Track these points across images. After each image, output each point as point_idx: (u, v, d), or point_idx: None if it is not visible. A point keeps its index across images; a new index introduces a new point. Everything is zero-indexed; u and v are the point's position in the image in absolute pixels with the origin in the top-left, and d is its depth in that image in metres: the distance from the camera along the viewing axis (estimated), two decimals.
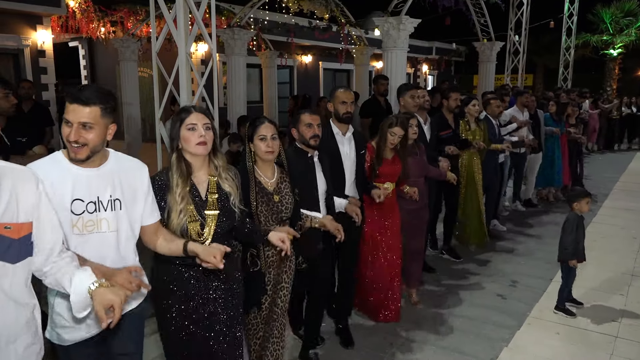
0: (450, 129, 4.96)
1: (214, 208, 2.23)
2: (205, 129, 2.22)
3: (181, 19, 3.92)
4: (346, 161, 3.40)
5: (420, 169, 4.09)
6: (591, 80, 20.59)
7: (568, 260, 3.94)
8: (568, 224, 3.94)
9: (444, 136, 4.89)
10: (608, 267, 5.05)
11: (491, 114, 5.76)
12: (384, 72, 6.44)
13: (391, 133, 3.62)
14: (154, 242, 2.15)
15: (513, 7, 11.90)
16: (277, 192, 2.66)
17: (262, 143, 2.58)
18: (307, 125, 2.96)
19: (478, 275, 4.89)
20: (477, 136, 5.25)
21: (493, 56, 9.32)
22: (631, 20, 17.90)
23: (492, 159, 5.65)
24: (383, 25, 6.23)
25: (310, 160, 3.03)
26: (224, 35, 7.81)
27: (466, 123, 5.26)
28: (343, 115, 3.37)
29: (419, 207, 4.03)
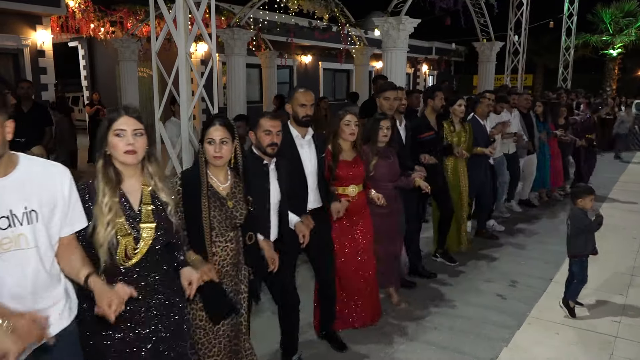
0: (432, 131, 4.75)
1: (149, 221, 2.00)
2: (135, 135, 1.99)
3: (181, 19, 3.93)
4: (308, 165, 3.24)
5: (392, 174, 3.88)
6: (591, 81, 20.62)
7: (582, 254, 3.94)
8: (575, 220, 3.93)
9: (425, 139, 4.69)
10: (608, 267, 5.04)
11: (480, 115, 5.56)
12: (384, 72, 6.44)
13: (345, 123, 3.40)
14: (63, 259, 1.86)
15: (513, 7, 11.91)
16: (231, 197, 2.49)
17: (210, 147, 2.40)
18: (266, 131, 2.77)
19: (478, 276, 4.89)
20: (462, 138, 5.06)
21: (493, 56, 9.33)
22: (631, 21, 17.90)
23: (480, 162, 5.47)
24: (383, 26, 6.23)
25: (265, 168, 2.85)
26: (223, 35, 7.81)
27: (450, 124, 5.04)
28: (302, 118, 3.17)
29: (389, 211, 3.83)
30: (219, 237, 2.46)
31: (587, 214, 3.93)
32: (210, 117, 2.51)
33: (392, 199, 3.85)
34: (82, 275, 1.81)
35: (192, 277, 2.12)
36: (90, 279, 1.79)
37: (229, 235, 2.49)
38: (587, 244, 3.95)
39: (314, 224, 3.06)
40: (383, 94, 4.07)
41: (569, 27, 15.92)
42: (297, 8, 8.98)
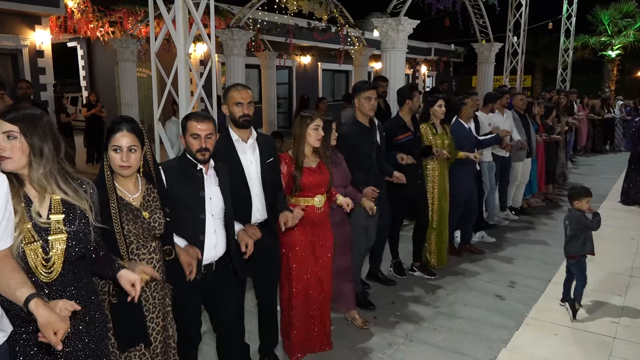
0: (409, 132, 4.47)
1: (59, 231, 1.81)
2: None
3: (180, 20, 3.93)
4: (251, 172, 2.93)
5: (343, 178, 3.57)
6: (590, 82, 20.64)
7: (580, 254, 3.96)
8: (573, 221, 3.95)
9: (401, 141, 4.41)
10: (606, 268, 5.05)
11: (465, 117, 5.23)
12: (383, 73, 6.44)
13: (313, 128, 3.11)
14: None
15: (512, 8, 11.93)
16: (145, 207, 2.26)
17: (117, 155, 2.15)
18: (193, 135, 2.49)
19: (477, 277, 4.89)
20: (446, 141, 4.79)
21: (492, 57, 9.34)
22: (629, 22, 17.94)
23: (469, 167, 5.19)
24: (382, 27, 6.23)
25: (199, 174, 2.55)
26: (222, 35, 7.81)
27: (431, 126, 4.77)
28: (240, 118, 2.84)
29: (342, 219, 3.55)
30: (141, 249, 2.25)
31: (584, 215, 3.94)
32: (115, 121, 2.21)
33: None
34: (20, 296, 1.60)
35: (131, 278, 1.98)
36: (31, 303, 1.58)
37: (151, 246, 2.29)
38: (586, 244, 3.97)
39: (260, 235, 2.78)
40: (364, 94, 3.81)
41: (567, 28, 15.93)
42: (296, 9, 8.98)
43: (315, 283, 3.27)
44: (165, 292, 2.40)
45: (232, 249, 2.66)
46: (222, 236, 2.64)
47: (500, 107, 6.41)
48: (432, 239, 4.93)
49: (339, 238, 3.50)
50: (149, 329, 2.28)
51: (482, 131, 5.88)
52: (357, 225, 3.86)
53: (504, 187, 6.68)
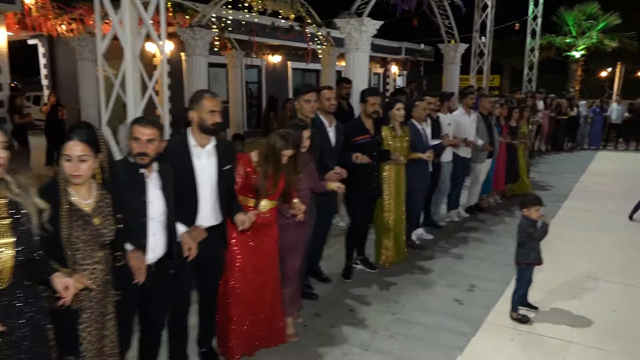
0: (367, 135, 4.49)
1: (7, 235, 1.84)
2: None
3: (127, 19, 3.77)
4: (203, 178, 2.92)
5: (310, 181, 3.62)
6: (555, 82, 21.07)
7: (524, 262, 3.96)
8: (520, 229, 3.96)
9: (359, 142, 4.44)
10: (564, 270, 5.10)
11: (417, 118, 5.26)
12: (346, 73, 6.37)
13: (284, 155, 3.15)
14: None
15: (478, 9, 12.04)
16: (97, 213, 2.26)
17: (67, 164, 2.17)
18: (135, 139, 2.52)
19: (436, 280, 4.86)
20: (405, 143, 4.87)
21: (457, 58, 9.39)
22: (593, 23, 18.37)
23: (420, 167, 5.23)
24: (345, 27, 6.17)
25: (141, 178, 2.57)
26: (184, 35, 7.63)
27: (392, 129, 4.79)
28: (212, 125, 2.87)
29: (296, 223, 3.49)
30: (87, 260, 2.24)
31: (533, 223, 3.91)
32: (70, 129, 2.27)
33: (307, 207, 3.59)
34: None
35: (66, 282, 1.98)
36: None
37: (97, 256, 2.28)
38: (530, 253, 3.95)
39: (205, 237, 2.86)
40: (304, 96, 3.86)
41: (533, 29, 16.22)
42: (261, 7, 8.85)
43: (256, 281, 3.27)
44: (107, 300, 2.39)
45: (173, 251, 2.69)
46: (162, 239, 2.66)
47: (466, 108, 6.42)
48: (390, 239, 4.97)
49: (290, 240, 3.51)
50: (81, 339, 2.26)
51: (443, 132, 5.87)
52: None
53: (457, 187, 6.73)
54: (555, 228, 6.67)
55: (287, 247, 3.49)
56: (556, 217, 7.22)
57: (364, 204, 4.70)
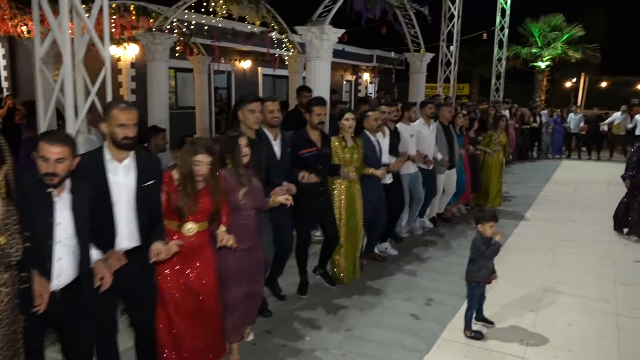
0: (313, 147, 4.26)
1: None
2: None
3: (65, 23, 3.57)
4: (119, 195, 2.69)
5: (255, 200, 3.30)
6: (522, 91, 21.50)
7: (473, 279, 3.90)
8: (473, 247, 3.89)
9: (305, 155, 4.20)
10: (522, 282, 5.08)
11: (369, 130, 4.95)
12: (307, 82, 6.27)
13: (195, 163, 2.86)
14: None
15: (445, 19, 12.15)
16: (3, 231, 2.07)
17: None
18: (42, 158, 2.29)
19: (393, 294, 4.76)
20: (355, 155, 4.59)
21: (423, 67, 9.41)
22: (557, 35, 18.80)
23: (373, 183, 4.93)
24: (306, 35, 6.06)
25: (49, 197, 2.35)
26: (143, 39, 7.40)
27: (341, 140, 4.55)
28: (122, 140, 2.64)
29: (250, 246, 3.25)
30: None
31: (488, 240, 3.84)
32: None
33: (254, 229, 3.34)
34: None
35: None
36: None
37: (2, 278, 2.08)
38: (480, 270, 3.88)
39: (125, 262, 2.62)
40: (248, 106, 3.64)
41: (500, 39, 16.48)
42: (225, 12, 8.67)
43: (187, 316, 3.02)
44: (16, 327, 2.19)
45: (81, 280, 2.46)
46: (69, 264, 2.43)
47: (426, 118, 6.27)
48: (341, 256, 4.79)
49: (245, 267, 3.26)
50: None
51: (402, 144, 5.72)
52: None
53: (428, 198, 6.60)
54: (516, 238, 6.74)
55: (227, 275, 3.20)
56: (518, 227, 7.27)
57: (309, 219, 4.50)
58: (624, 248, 6.29)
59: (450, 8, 11.92)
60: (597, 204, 8.75)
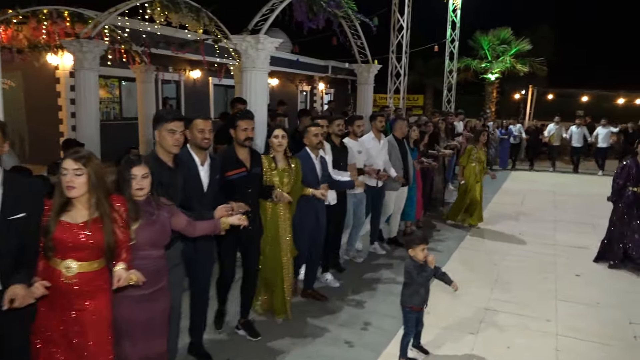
0: (242, 168, 3.76)
1: None
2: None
3: None
4: None
5: (156, 236, 2.74)
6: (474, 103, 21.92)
7: (406, 305, 3.69)
8: (405, 272, 3.67)
9: (232, 177, 3.70)
10: (464, 301, 4.91)
11: (310, 146, 4.50)
12: (243, 93, 5.97)
13: (62, 175, 2.38)
14: None
15: (394, 31, 12.13)
16: None
17: None
18: None
19: (332, 319, 4.48)
20: (285, 179, 4.05)
21: (371, 78, 9.28)
22: (506, 48, 19.24)
23: (311, 205, 4.46)
24: (241, 44, 5.77)
25: None
26: (70, 47, 6.92)
27: (271, 160, 4.06)
28: None
29: (152, 292, 2.72)
30: None
31: (419, 265, 3.62)
32: None
33: (157, 273, 2.75)
34: None
35: None
36: None
37: None
38: (413, 296, 3.66)
39: None
40: (167, 125, 3.02)
41: (451, 51, 16.70)
42: (163, 20, 8.27)
43: None
44: None
45: None
46: None
47: (376, 132, 5.84)
48: (268, 291, 4.31)
49: (143, 319, 2.70)
50: None
51: (350, 160, 5.34)
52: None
53: (375, 218, 6.20)
54: (462, 253, 6.62)
55: (118, 329, 2.62)
56: (465, 240, 7.16)
57: (232, 249, 3.90)
58: (567, 262, 6.25)
59: (400, 20, 11.90)
60: (543, 215, 8.81)
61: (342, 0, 7.61)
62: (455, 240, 7.08)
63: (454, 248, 6.76)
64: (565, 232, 7.70)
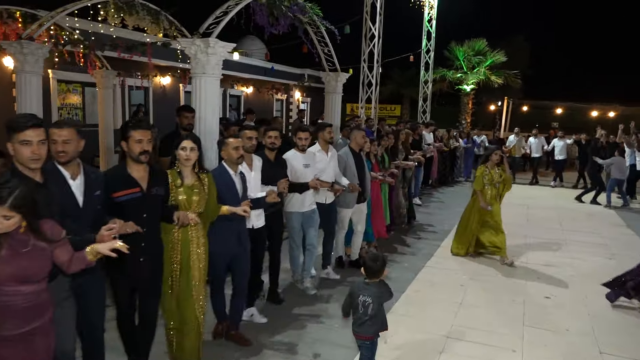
0: (135, 188, 3.14)
1: None
2: None
3: None
4: None
5: (21, 271, 2.23)
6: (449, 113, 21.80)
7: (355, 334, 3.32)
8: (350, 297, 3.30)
9: (120, 199, 3.09)
10: (425, 327, 4.54)
11: (228, 161, 3.90)
12: (193, 101, 5.54)
13: None
14: None
15: (366, 39, 11.85)
16: None
17: None
18: None
19: (279, 348, 4.06)
20: (195, 196, 3.42)
21: (339, 87, 8.93)
22: (481, 59, 19.16)
23: (230, 227, 3.82)
24: (190, 48, 5.35)
25: None
26: (10, 48, 6.42)
27: (177, 175, 3.45)
28: None
29: (26, 331, 2.27)
30: None
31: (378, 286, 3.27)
32: None
33: (32, 309, 2.29)
34: None
35: None
36: None
37: None
38: (363, 325, 3.29)
39: None
40: (19, 136, 2.55)
41: (426, 61, 16.52)
42: (119, 22, 7.81)
43: None
44: None
45: None
46: None
47: (323, 143, 5.40)
48: (180, 333, 3.53)
49: None
50: None
51: (293, 177, 4.86)
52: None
53: (327, 238, 5.71)
54: (428, 272, 6.26)
55: None
56: (433, 258, 6.82)
57: (127, 286, 3.29)
58: (537, 283, 5.93)
59: (371, 28, 11.63)
60: (515, 231, 8.52)
61: (306, 5, 7.24)
62: (422, 259, 6.73)
63: (420, 266, 6.41)
64: (537, 249, 7.43)
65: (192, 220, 3.31)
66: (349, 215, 5.82)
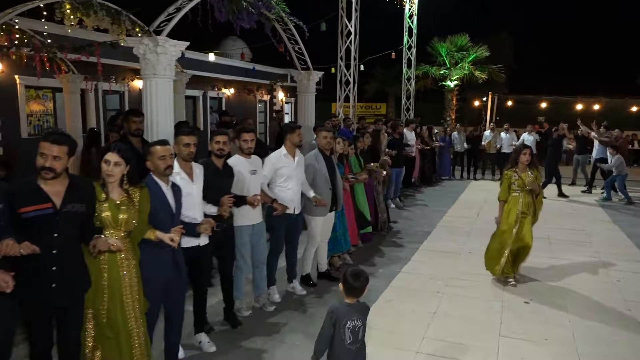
0: (47, 204, 2.72)
1: None
2: None
3: None
4: None
5: None
6: (434, 110, 21.52)
7: None
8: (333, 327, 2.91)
9: (28, 215, 2.67)
10: (393, 343, 4.21)
11: (157, 173, 3.38)
12: (143, 104, 5.18)
13: None
14: None
15: (342, 36, 11.53)
16: None
17: None
18: None
19: None
20: (124, 214, 2.98)
21: (312, 86, 8.59)
22: (464, 55, 18.90)
23: (164, 250, 3.30)
24: (138, 48, 5.00)
25: None
26: None
27: (100, 189, 2.99)
28: None
29: None
30: None
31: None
32: None
33: None
34: None
35: None
36: None
37: None
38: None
39: None
40: None
41: (409, 58, 16.25)
42: (75, 23, 7.41)
43: None
44: None
45: None
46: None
47: (290, 147, 4.92)
48: None
49: None
50: None
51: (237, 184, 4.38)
52: None
53: (290, 250, 5.24)
54: (403, 278, 5.94)
55: None
56: (410, 262, 6.50)
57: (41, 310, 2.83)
58: (516, 288, 5.61)
59: (347, 25, 11.30)
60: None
61: (271, 1, 6.89)
62: (398, 264, 6.40)
63: (395, 272, 6.08)
64: None
65: (114, 247, 2.84)
66: (320, 225, 5.34)
